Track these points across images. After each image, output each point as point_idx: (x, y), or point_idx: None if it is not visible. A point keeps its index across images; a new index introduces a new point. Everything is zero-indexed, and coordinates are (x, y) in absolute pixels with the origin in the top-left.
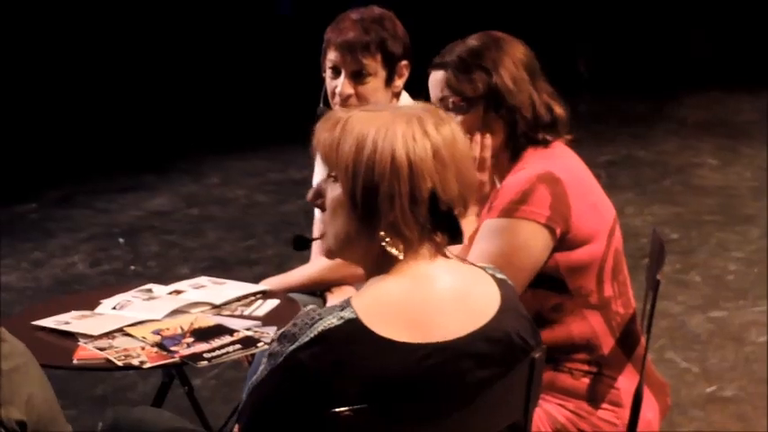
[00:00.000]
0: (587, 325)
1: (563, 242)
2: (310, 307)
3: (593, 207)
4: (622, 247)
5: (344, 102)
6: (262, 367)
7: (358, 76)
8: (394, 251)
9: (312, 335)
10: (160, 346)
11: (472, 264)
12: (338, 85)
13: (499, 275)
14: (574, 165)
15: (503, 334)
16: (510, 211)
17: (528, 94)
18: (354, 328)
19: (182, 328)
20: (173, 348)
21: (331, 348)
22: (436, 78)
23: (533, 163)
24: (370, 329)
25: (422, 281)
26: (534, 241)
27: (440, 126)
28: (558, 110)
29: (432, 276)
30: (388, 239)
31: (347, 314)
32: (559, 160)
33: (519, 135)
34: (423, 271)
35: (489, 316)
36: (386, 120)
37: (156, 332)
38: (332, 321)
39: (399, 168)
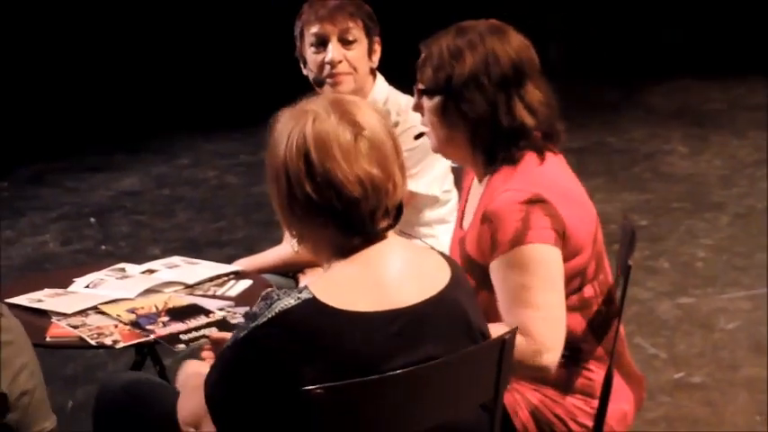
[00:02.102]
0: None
1: None
2: (271, 288)
3: (580, 220)
4: (603, 245)
5: (335, 68)
6: (230, 337)
7: (345, 42)
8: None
9: (270, 315)
10: (135, 324)
11: (428, 245)
12: (328, 53)
13: (447, 255)
14: (555, 178)
15: (456, 304)
16: (519, 241)
17: (490, 102)
18: (311, 306)
19: (156, 307)
20: (148, 327)
21: (288, 328)
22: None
23: (514, 183)
24: (328, 304)
25: (375, 258)
26: (554, 258)
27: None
28: (529, 120)
29: (385, 252)
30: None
31: (304, 295)
32: (539, 177)
33: (482, 144)
34: (375, 250)
35: (441, 286)
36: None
37: (131, 311)
38: (289, 302)
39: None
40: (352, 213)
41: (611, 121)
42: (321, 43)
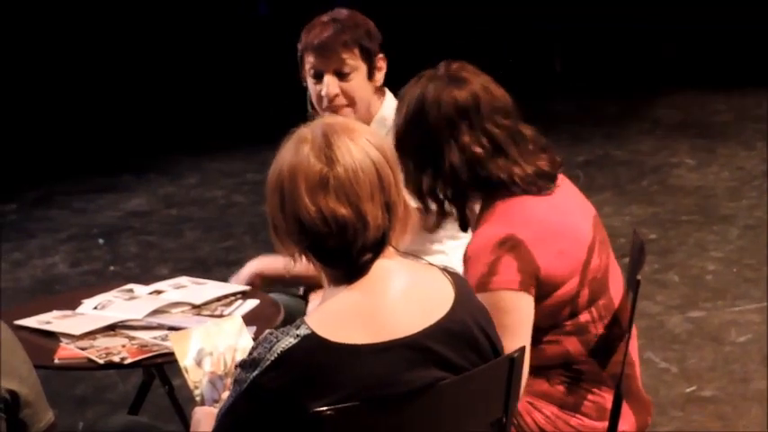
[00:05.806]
0: (562, 348)
1: (537, 296)
2: (267, 331)
3: (561, 253)
4: (605, 270)
5: (332, 102)
6: (228, 394)
7: (340, 74)
8: None
9: (272, 358)
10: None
11: (426, 262)
12: (323, 87)
13: (451, 270)
14: (536, 214)
15: (462, 326)
16: (483, 285)
17: (439, 154)
18: (311, 343)
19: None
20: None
21: (292, 368)
22: None
23: (493, 223)
24: (328, 339)
25: (374, 284)
26: (517, 304)
27: None
28: (491, 166)
29: (384, 278)
30: None
31: (302, 331)
32: (518, 216)
33: (433, 192)
34: (374, 275)
35: (445, 310)
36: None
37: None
38: (289, 341)
39: None
40: (322, 248)
41: (616, 134)
42: (317, 75)
